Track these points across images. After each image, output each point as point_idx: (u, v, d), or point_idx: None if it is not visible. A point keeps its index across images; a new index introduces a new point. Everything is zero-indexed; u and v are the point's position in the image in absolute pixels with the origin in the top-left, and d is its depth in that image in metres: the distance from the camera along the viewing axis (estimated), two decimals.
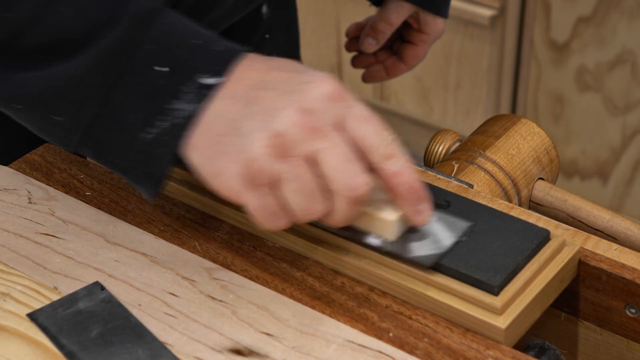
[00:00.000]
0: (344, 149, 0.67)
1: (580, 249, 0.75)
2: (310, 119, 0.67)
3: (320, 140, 0.67)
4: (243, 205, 0.69)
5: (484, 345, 0.68)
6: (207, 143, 0.68)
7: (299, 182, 0.67)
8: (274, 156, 0.67)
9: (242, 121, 0.68)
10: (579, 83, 2.00)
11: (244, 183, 0.68)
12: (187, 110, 0.68)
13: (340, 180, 0.67)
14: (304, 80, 0.69)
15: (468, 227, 0.73)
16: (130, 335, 0.69)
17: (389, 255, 0.72)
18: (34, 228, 0.78)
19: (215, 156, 0.68)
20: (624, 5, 1.87)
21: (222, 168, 0.68)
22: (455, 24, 2.10)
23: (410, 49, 1.13)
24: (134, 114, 0.69)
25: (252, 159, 0.67)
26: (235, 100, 0.68)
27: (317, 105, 0.67)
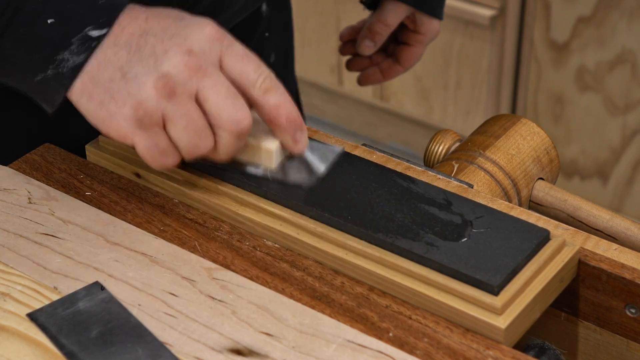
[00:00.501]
0: (225, 86, 0.72)
1: (580, 249, 0.75)
2: (192, 60, 0.71)
3: (204, 79, 0.72)
4: (132, 145, 0.73)
5: (484, 345, 0.68)
6: (96, 90, 0.73)
7: (185, 120, 0.72)
8: (161, 97, 0.71)
9: (129, 66, 0.72)
10: (579, 83, 2.00)
11: (134, 124, 0.72)
12: (72, 60, 0.72)
13: (223, 115, 0.72)
14: (183, 24, 0.73)
15: (340, 151, 0.79)
16: (130, 335, 0.69)
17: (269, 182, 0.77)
18: (34, 228, 0.78)
19: (105, 101, 0.72)
20: (624, 5, 1.87)
21: (112, 112, 0.72)
22: (455, 24, 2.10)
23: (406, 50, 1.14)
24: (24, 62, 0.73)
25: (140, 101, 0.71)
26: (120, 48, 0.72)
27: (198, 46, 0.72)
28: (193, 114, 0.72)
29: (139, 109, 0.71)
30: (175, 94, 0.71)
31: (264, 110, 0.74)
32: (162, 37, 0.72)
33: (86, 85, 0.73)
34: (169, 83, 0.71)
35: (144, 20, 0.73)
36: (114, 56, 0.72)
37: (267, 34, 1.10)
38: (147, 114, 0.71)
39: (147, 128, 0.72)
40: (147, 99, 0.71)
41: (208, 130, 0.73)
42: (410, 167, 0.83)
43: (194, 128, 0.72)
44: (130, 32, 0.73)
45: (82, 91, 0.73)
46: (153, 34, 0.72)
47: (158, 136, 0.73)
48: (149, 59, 0.72)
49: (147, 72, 0.71)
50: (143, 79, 0.71)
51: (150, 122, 0.72)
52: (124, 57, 0.72)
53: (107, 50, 0.72)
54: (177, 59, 0.71)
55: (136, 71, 0.72)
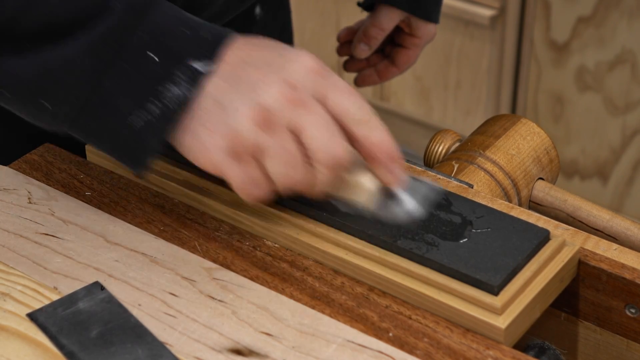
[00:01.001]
0: (325, 120, 0.70)
1: (580, 248, 0.75)
2: (293, 92, 0.70)
3: (303, 112, 0.70)
4: (225, 177, 0.72)
5: (483, 345, 0.68)
6: (193, 122, 0.71)
7: (281, 152, 0.70)
8: (258, 128, 0.69)
9: (227, 97, 0.70)
10: (579, 83, 2.00)
11: (228, 155, 0.70)
12: (180, 94, 0.70)
13: (321, 147, 0.70)
14: (285, 57, 0.71)
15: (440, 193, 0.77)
16: (130, 335, 0.69)
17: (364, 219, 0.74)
18: (34, 228, 0.78)
19: (200, 132, 0.71)
20: (624, 5, 1.87)
21: (206, 142, 0.70)
22: (455, 24, 2.11)
23: (402, 53, 1.14)
24: (124, 99, 0.70)
25: (236, 131, 0.69)
26: (221, 80, 0.71)
27: (299, 79, 0.70)
28: (290, 147, 0.70)
29: (234, 139, 0.69)
30: (273, 126, 0.69)
31: (365, 147, 0.72)
32: (261, 66, 0.71)
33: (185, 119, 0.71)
34: (267, 114, 0.69)
35: (248, 52, 0.72)
36: (215, 88, 0.70)
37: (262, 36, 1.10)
38: (242, 144, 0.69)
39: (241, 159, 0.70)
40: (243, 129, 0.69)
41: (304, 164, 0.70)
42: (410, 167, 0.83)
43: (289, 161, 0.70)
44: (234, 63, 0.71)
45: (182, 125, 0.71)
46: (255, 66, 0.71)
47: (252, 168, 0.71)
48: (246, 88, 0.70)
49: (244, 102, 0.69)
50: (240, 109, 0.69)
51: (245, 153, 0.70)
52: (224, 88, 0.70)
53: (209, 83, 0.71)
54: (276, 90, 0.69)
55: (234, 101, 0.70)
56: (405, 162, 0.83)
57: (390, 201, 0.75)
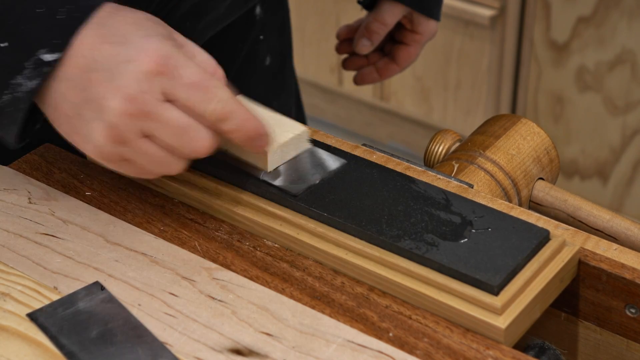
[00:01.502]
0: (170, 125, 0.71)
1: (580, 249, 0.75)
2: (132, 106, 0.71)
3: (148, 122, 0.71)
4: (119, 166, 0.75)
5: (484, 345, 0.68)
6: (62, 121, 0.73)
7: (145, 157, 0.72)
8: (114, 143, 0.72)
9: (82, 107, 0.72)
10: (579, 83, 2.00)
11: (102, 159, 0.74)
12: (26, 85, 0.72)
13: (180, 149, 0.72)
14: (127, 57, 0.71)
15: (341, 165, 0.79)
16: (130, 335, 0.69)
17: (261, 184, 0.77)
18: (34, 228, 0.78)
19: (72, 133, 0.74)
20: (624, 5, 1.87)
21: (79, 144, 0.74)
22: (455, 24, 2.10)
23: (403, 50, 1.13)
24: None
25: (97, 146, 0.72)
26: (72, 83, 0.72)
27: (136, 88, 0.71)
28: (150, 150, 0.72)
29: (99, 152, 0.73)
30: (125, 140, 0.72)
31: (224, 136, 0.73)
32: (107, 74, 0.71)
33: (53, 113, 0.73)
34: (116, 132, 0.71)
35: (98, 46, 0.72)
36: (68, 91, 0.72)
37: (262, 36, 1.10)
38: (108, 156, 0.73)
39: (114, 163, 0.74)
40: (103, 145, 0.72)
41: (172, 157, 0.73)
42: (410, 167, 0.83)
43: (157, 160, 0.73)
44: (81, 63, 0.72)
45: (53, 120, 0.74)
46: (99, 69, 0.71)
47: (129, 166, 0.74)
48: (95, 104, 0.71)
49: (97, 119, 0.71)
50: (95, 126, 0.72)
51: (114, 159, 0.73)
52: (76, 94, 0.72)
53: (62, 83, 0.72)
54: (118, 108, 0.70)
55: (88, 116, 0.72)
56: (405, 162, 0.83)
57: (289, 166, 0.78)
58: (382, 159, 0.83)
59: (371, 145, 0.85)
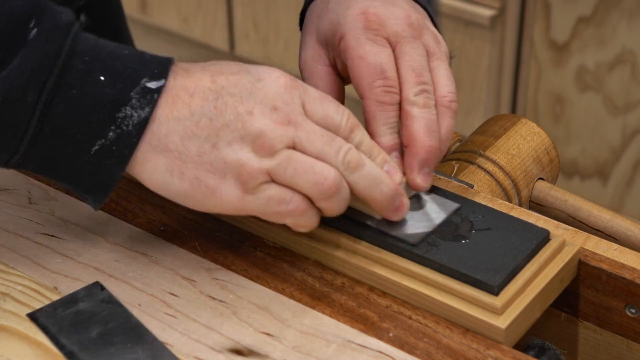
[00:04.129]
0: (319, 133, 0.69)
1: (580, 249, 0.75)
2: (280, 115, 0.68)
3: (297, 131, 0.68)
4: (251, 213, 0.69)
5: (484, 345, 0.68)
6: (187, 167, 0.68)
7: (293, 164, 0.68)
8: (261, 156, 0.67)
9: (217, 136, 0.67)
10: (579, 83, 2.00)
11: (241, 191, 0.68)
12: (136, 115, 0.67)
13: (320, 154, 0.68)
14: (255, 78, 0.69)
15: (456, 208, 0.75)
16: (130, 335, 0.69)
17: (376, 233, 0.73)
18: (34, 228, 0.78)
19: (201, 177, 0.68)
20: (624, 5, 1.87)
21: (212, 186, 0.68)
22: (455, 24, 2.10)
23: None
24: (79, 127, 0.67)
25: (241, 165, 0.67)
26: (200, 117, 0.68)
27: (280, 99, 0.68)
28: (298, 157, 0.68)
29: (242, 173, 0.67)
30: (271, 149, 0.67)
31: None
32: (240, 95, 0.68)
33: (174, 163, 0.68)
34: (265, 141, 0.67)
35: (210, 79, 0.69)
36: (195, 127, 0.68)
37: None
38: (252, 175, 0.67)
39: (255, 188, 0.68)
40: (248, 162, 0.67)
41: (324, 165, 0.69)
42: None
43: (306, 168, 0.68)
44: (203, 96, 0.68)
45: (172, 171, 0.68)
46: (229, 94, 0.68)
47: (270, 189, 0.68)
48: (235, 123, 0.67)
49: (239, 137, 0.67)
50: (236, 145, 0.67)
51: (257, 181, 0.68)
52: (207, 125, 0.68)
53: (185, 122, 0.68)
54: (266, 117, 0.67)
55: (227, 138, 0.67)
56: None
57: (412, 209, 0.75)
58: None
59: None
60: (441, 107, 0.76)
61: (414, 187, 0.74)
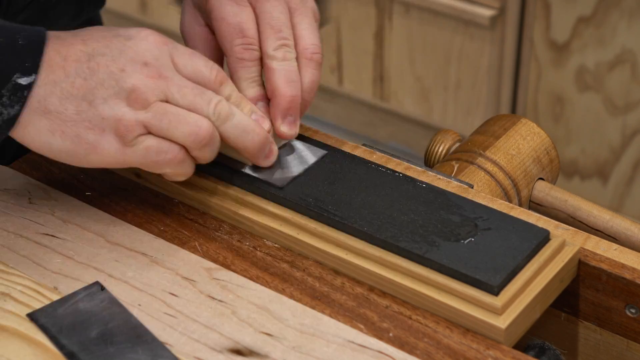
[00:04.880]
0: (190, 86, 0.73)
1: (580, 249, 0.75)
2: (151, 70, 0.72)
3: (168, 84, 0.72)
4: (131, 165, 0.73)
5: (484, 345, 0.68)
6: (67, 126, 0.71)
7: (168, 116, 0.71)
8: (136, 109, 0.71)
9: (92, 94, 0.71)
10: (579, 83, 2.00)
11: (120, 144, 0.71)
12: (5, 113, 0.70)
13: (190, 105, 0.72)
14: (125, 37, 0.73)
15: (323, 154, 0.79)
16: (130, 335, 0.69)
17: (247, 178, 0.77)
18: (34, 228, 0.78)
19: (81, 133, 0.71)
20: (624, 5, 1.87)
21: (93, 140, 0.71)
22: (455, 24, 2.10)
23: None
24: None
25: (117, 119, 0.71)
26: (74, 78, 0.71)
27: (150, 55, 0.72)
28: (172, 109, 0.72)
29: (119, 127, 0.71)
30: (145, 102, 0.71)
31: None
32: (112, 55, 0.72)
33: (55, 123, 0.71)
34: (139, 95, 0.71)
35: (82, 43, 0.72)
36: (71, 87, 0.71)
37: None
38: (129, 128, 0.71)
39: (133, 140, 0.72)
40: (124, 115, 0.71)
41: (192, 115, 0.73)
42: (410, 167, 0.83)
43: (180, 119, 0.72)
44: (75, 58, 0.71)
45: (53, 131, 0.71)
46: (101, 54, 0.72)
47: (147, 140, 0.72)
48: (109, 80, 0.71)
49: (114, 93, 0.71)
50: (112, 101, 0.71)
51: (134, 134, 0.71)
52: (82, 85, 0.71)
53: (61, 84, 0.71)
54: (137, 73, 0.71)
55: (102, 95, 0.71)
56: (405, 163, 0.83)
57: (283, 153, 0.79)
58: (382, 159, 0.83)
59: (371, 145, 0.85)
60: (303, 59, 0.80)
61: (280, 136, 0.78)
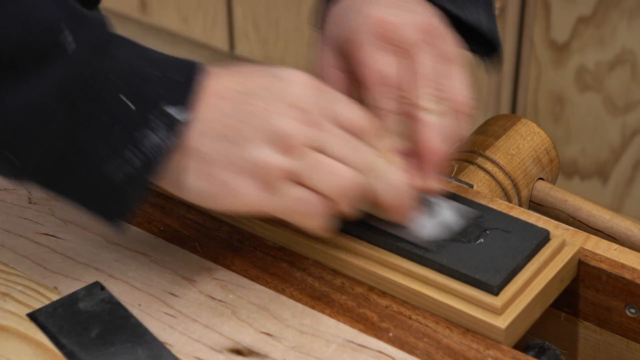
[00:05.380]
0: (343, 135, 0.68)
1: (580, 249, 0.75)
2: (304, 115, 0.67)
3: (319, 132, 0.68)
4: (272, 212, 0.68)
5: (484, 345, 0.68)
6: (212, 168, 0.67)
7: (318, 166, 0.67)
8: (279, 153, 0.67)
9: (236, 133, 0.67)
10: (579, 83, 2.00)
11: (262, 190, 0.67)
12: (158, 142, 0.66)
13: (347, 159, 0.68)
14: (280, 78, 0.69)
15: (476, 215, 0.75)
16: (130, 335, 0.69)
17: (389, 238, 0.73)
18: (34, 228, 0.78)
19: (219, 174, 0.67)
20: (624, 5, 1.87)
21: (233, 184, 0.67)
22: None
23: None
24: (101, 150, 0.65)
25: (260, 163, 0.66)
26: (224, 116, 0.67)
27: (305, 100, 0.68)
28: (322, 159, 0.67)
29: (261, 170, 0.66)
30: (295, 149, 0.67)
31: None
32: (261, 94, 0.68)
33: (201, 165, 0.67)
34: (285, 140, 0.66)
35: (238, 82, 0.68)
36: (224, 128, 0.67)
37: None
38: (271, 173, 0.66)
39: (277, 189, 0.67)
40: (268, 158, 0.66)
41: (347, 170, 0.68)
42: None
43: (330, 171, 0.67)
44: (230, 97, 0.68)
45: (197, 173, 0.67)
46: (256, 95, 0.68)
47: (294, 190, 0.67)
48: (259, 120, 0.67)
49: (261, 134, 0.66)
50: (255, 141, 0.66)
51: (277, 178, 0.67)
52: (234, 126, 0.67)
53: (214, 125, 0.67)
54: (287, 115, 0.67)
55: (249, 134, 0.66)
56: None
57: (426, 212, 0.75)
58: None
59: None
60: (451, 112, 0.76)
61: (427, 191, 0.74)
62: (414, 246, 0.72)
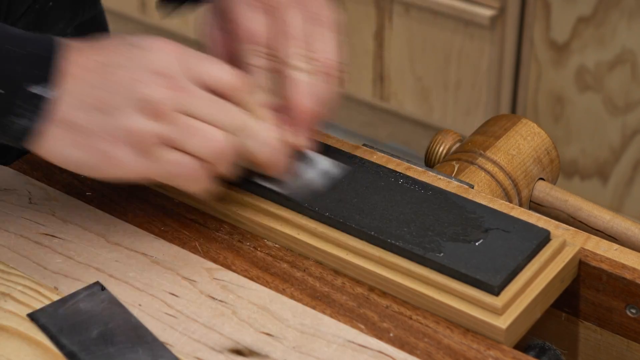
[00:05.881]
0: (208, 97, 0.71)
1: (580, 249, 0.75)
2: (168, 80, 0.70)
3: (185, 96, 0.70)
4: (151, 177, 0.71)
5: (484, 346, 0.68)
6: (88, 139, 0.70)
7: (186, 128, 0.70)
8: (149, 119, 0.69)
9: (104, 102, 0.69)
10: (579, 83, 2.00)
11: (139, 155, 0.70)
12: (25, 125, 0.69)
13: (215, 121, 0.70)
14: (142, 47, 0.71)
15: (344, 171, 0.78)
16: (130, 335, 0.69)
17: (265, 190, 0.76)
18: (34, 228, 0.78)
19: (97, 144, 0.70)
20: (624, 5, 1.87)
21: (110, 152, 0.70)
22: (455, 24, 2.10)
23: None
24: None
25: (134, 129, 0.69)
26: (92, 88, 0.69)
27: (167, 66, 0.70)
28: (190, 122, 0.70)
29: (135, 137, 0.69)
30: (164, 115, 0.69)
31: None
32: (128, 65, 0.70)
33: (79, 137, 0.70)
34: (153, 107, 0.69)
35: (98, 54, 0.71)
36: (92, 99, 0.69)
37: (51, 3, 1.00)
38: (145, 139, 0.69)
39: (153, 153, 0.70)
40: (139, 125, 0.69)
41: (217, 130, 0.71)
42: (411, 168, 0.83)
43: (198, 132, 0.70)
44: (93, 69, 0.70)
45: (76, 145, 0.70)
46: (117, 65, 0.70)
47: (170, 154, 0.70)
48: (125, 89, 0.69)
49: (126, 103, 0.69)
50: (125, 110, 0.69)
51: (151, 145, 0.70)
52: (102, 96, 0.69)
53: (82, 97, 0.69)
54: (152, 82, 0.70)
55: (113, 105, 0.69)
56: (406, 163, 0.83)
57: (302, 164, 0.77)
58: (382, 159, 0.83)
59: (371, 146, 0.85)
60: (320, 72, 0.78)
61: (296, 148, 0.77)
62: (409, 244, 0.72)
